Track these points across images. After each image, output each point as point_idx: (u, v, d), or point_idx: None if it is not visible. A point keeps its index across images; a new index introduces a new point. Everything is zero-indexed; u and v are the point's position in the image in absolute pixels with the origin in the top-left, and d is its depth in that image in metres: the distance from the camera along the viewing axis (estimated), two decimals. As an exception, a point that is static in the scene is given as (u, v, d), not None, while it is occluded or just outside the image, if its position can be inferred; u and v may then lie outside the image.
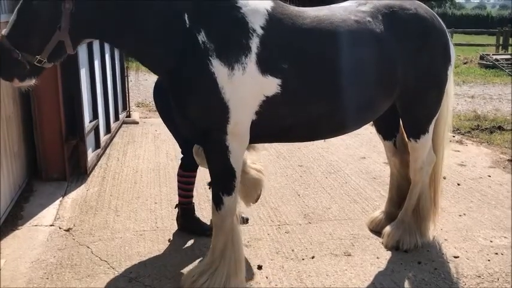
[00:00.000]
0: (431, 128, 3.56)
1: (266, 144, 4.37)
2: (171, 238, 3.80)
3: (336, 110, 3.07)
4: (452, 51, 3.52)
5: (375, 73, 3.11)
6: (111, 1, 2.63)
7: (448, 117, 3.73)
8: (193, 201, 3.94)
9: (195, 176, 3.83)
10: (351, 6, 3.25)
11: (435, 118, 3.57)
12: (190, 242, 3.76)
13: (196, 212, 3.97)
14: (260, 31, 2.77)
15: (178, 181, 3.85)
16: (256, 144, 3.52)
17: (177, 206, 3.92)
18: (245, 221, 3.82)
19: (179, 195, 3.87)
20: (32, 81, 2.67)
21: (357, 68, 3.03)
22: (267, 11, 2.84)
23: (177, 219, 3.94)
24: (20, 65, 2.57)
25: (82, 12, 2.57)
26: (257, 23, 2.78)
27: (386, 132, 3.86)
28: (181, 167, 3.81)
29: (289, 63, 2.82)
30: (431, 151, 3.66)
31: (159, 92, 3.63)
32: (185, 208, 3.88)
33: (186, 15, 2.72)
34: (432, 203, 3.80)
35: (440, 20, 3.48)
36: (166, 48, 2.76)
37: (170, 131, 3.80)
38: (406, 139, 3.66)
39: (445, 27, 3.50)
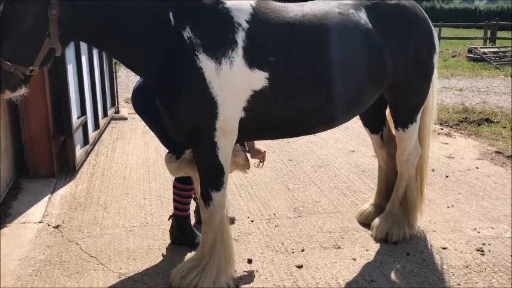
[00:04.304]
0: (418, 117, 3.60)
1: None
2: (165, 253, 3.53)
3: (324, 103, 3.08)
4: (436, 39, 3.55)
5: (362, 64, 3.11)
6: (97, 4, 2.59)
7: (433, 108, 3.77)
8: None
9: (193, 189, 3.49)
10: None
11: (422, 107, 3.60)
12: (180, 237, 3.75)
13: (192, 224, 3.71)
14: (245, 25, 2.77)
15: (174, 193, 3.56)
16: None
17: (170, 217, 3.64)
18: (232, 221, 3.80)
19: (175, 208, 3.57)
20: (22, 90, 2.60)
21: (342, 58, 3.03)
22: (251, 5, 2.84)
23: (170, 232, 3.65)
24: (12, 77, 2.50)
25: (69, 17, 2.53)
26: (242, 18, 2.77)
27: (373, 125, 3.89)
28: (177, 178, 3.50)
29: (276, 57, 2.82)
30: (417, 143, 3.69)
31: (140, 99, 3.42)
32: (181, 219, 3.58)
33: (171, 14, 2.71)
34: (419, 194, 3.84)
35: (423, 10, 3.51)
36: (153, 49, 2.74)
37: (159, 138, 3.52)
38: (394, 129, 3.69)
39: (428, 17, 3.52)
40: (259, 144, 3.66)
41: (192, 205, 3.88)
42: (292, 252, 3.55)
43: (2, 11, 2.44)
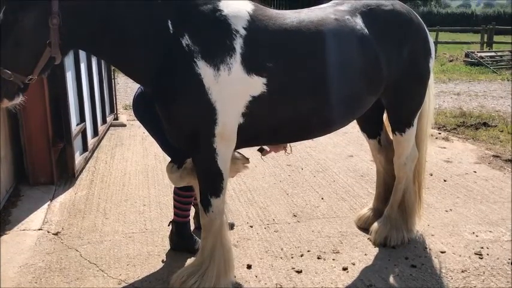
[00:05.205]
0: (415, 121, 3.62)
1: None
2: (165, 259, 3.54)
3: (322, 107, 3.10)
4: (432, 44, 3.59)
5: (359, 68, 3.14)
6: (98, 14, 2.62)
7: (430, 112, 3.79)
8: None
9: (193, 196, 3.53)
10: (329, 6, 3.31)
11: (419, 111, 3.63)
12: (179, 243, 3.76)
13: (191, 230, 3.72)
14: (243, 32, 2.79)
15: (174, 199, 3.59)
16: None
17: (170, 223, 3.65)
18: (231, 226, 3.81)
19: (175, 214, 3.59)
20: (20, 99, 2.61)
21: (339, 63, 3.05)
22: (248, 12, 2.87)
23: (170, 238, 3.66)
24: (11, 86, 2.51)
25: (69, 27, 2.55)
26: (239, 24, 2.80)
27: (371, 130, 3.92)
28: None
29: (273, 63, 2.85)
30: (414, 147, 3.72)
31: (140, 105, 3.41)
32: (181, 225, 3.60)
33: (169, 22, 2.74)
34: (417, 198, 3.86)
35: (417, 15, 3.55)
36: (153, 57, 2.76)
37: (160, 144, 3.51)
38: (392, 133, 3.71)
39: (423, 22, 3.56)
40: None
41: (192, 211, 3.90)
42: (292, 257, 3.56)
43: (3, 20, 2.46)
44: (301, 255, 3.59)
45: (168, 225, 3.70)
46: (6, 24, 2.46)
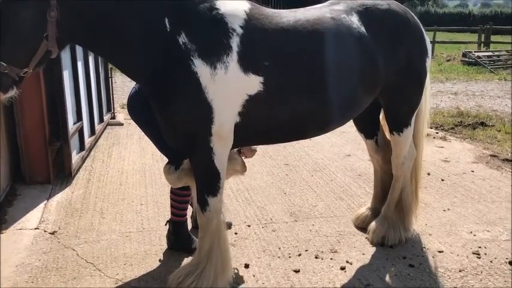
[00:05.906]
0: (413, 120, 3.62)
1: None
2: (162, 258, 3.53)
3: (319, 106, 3.09)
4: (428, 43, 3.59)
5: (355, 67, 3.13)
6: (96, 9, 2.61)
7: (426, 111, 3.80)
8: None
9: (190, 194, 3.50)
10: (324, 6, 3.31)
11: (417, 110, 3.63)
12: (176, 243, 3.75)
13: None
14: (240, 30, 2.78)
15: (171, 199, 3.57)
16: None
17: (167, 222, 3.65)
18: (229, 226, 3.80)
19: (172, 213, 3.58)
20: (14, 91, 2.59)
21: (336, 62, 3.04)
22: (245, 11, 2.86)
23: (167, 237, 3.65)
24: (6, 78, 2.49)
25: (67, 20, 2.53)
26: (236, 23, 2.79)
27: (368, 131, 3.92)
28: None
29: (270, 61, 2.84)
30: (412, 146, 3.71)
31: (136, 105, 3.39)
32: (178, 224, 3.60)
33: (166, 20, 2.73)
34: (414, 197, 3.86)
35: (413, 14, 3.54)
36: (150, 54, 2.75)
37: (155, 144, 3.50)
38: (389, 133, 3.71)
39: (419, 21, 3.56)
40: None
41: (189, 210, 3.88)
42: (289, 257, 3.55)
43: (0, 12, 2.43)
44: (299, 255, 3.58)
45: (166, 225, 3.69)
46: (4, 16, 2.43)
